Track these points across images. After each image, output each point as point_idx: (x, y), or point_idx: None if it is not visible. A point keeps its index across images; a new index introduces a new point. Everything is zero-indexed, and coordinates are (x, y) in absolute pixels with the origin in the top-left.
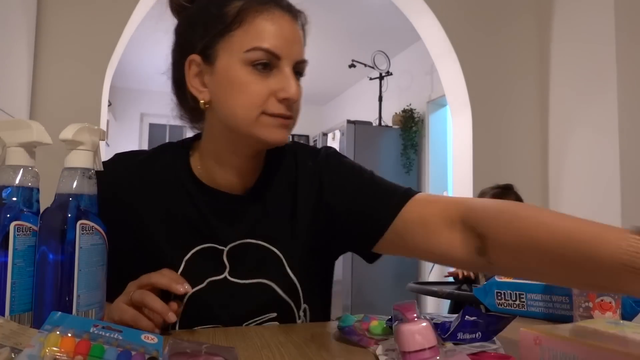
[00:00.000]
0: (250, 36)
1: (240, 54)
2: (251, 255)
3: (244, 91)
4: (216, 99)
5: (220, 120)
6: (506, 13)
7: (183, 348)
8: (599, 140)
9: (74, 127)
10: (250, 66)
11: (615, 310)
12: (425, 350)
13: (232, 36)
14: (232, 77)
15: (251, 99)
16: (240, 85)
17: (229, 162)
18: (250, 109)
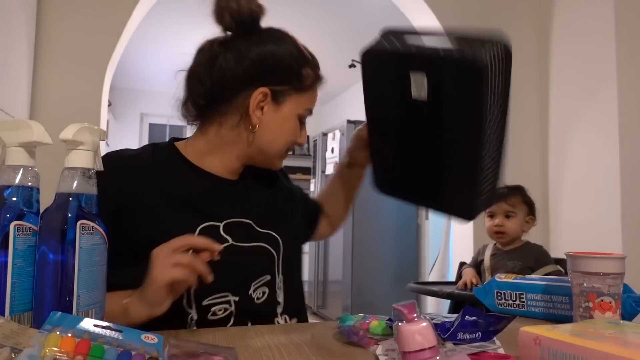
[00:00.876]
0: (309, 100)
1: (300, 110)
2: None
3: (290, 134)
4: (267, 128)
5: (254, 141)
6: (506, 14)
7: (183, 348)
8: (599, 141)
9: (74, 127)
10: (298, 118)
11: (615, 310)
12: (425, 350)
13: (302, 95)
14: (289, 122)
15: (290, 141)
16: (291, 129)
17: (226, 160)
18: (286, 147)
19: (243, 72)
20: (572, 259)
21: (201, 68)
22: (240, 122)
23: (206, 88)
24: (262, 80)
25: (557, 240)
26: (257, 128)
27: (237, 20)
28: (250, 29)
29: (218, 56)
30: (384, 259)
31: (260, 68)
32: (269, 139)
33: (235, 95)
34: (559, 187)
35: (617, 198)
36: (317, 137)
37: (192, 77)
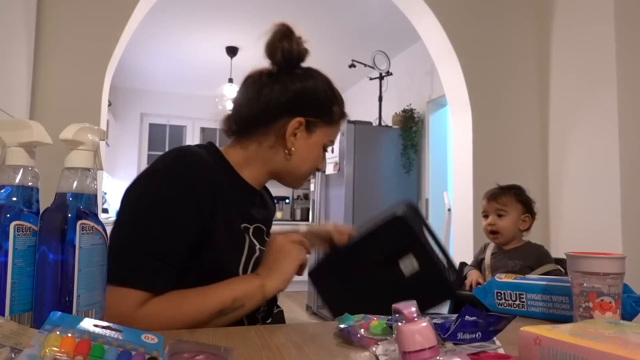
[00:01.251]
0: (334, 133)
1: (326, 140)
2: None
3: (315, 161)
4: (297, 153)
5: (285, 162)
6: (506, 13)
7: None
8: (599, 140)
9: (74, 127)
10: (323, 148)
11: (615, 310)
12: (425, 350)
13: (330, 127)
14: (315, 150)
15: (314, 166)
16: (316, 156)
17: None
18: (310, 171)
19: (285, 102)
20: (572, 259)
21: (250, 93)
22: (276, 143)
23: (252, 110)
24: (299, 111)
25: (557, 240)
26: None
27: (287, 58)
28: (295, 66)
29: (265, 86)
30: None
31: (299, 100)
32: (297, 162)
33: (276, 120)
34: (559, 187)
35: (617, 198)
36: None
37: (241, 99)
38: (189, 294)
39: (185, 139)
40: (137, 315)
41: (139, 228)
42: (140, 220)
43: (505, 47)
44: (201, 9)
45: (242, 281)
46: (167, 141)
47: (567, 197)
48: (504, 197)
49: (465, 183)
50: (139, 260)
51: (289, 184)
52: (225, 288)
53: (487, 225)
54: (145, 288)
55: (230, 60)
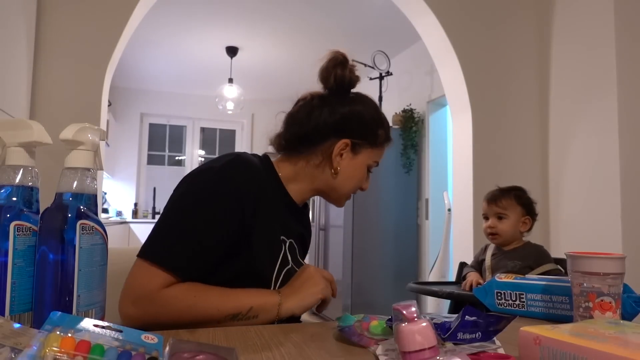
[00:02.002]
0: (379, 155)
1: (370, 161)
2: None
3: (358, 181)
4: (342, 172)
5: (330, 180)
6: (506, 13)
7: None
8: (599, 140)
9: (74, 127)
10: (367, 169)
11: (615, 310)
12: (425, 350)
13: (375, 149)
14: (359, 170)
15: (357, 186)
16: (360, 177)
17: (303, 190)
18: (353, 190)
19: (334, 123)
20: (572, 259)
21: (301, 114)
22: (323, 162)
23: (302, 130)
24: (346, 133)
25: (557, 240)
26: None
27: (339, 84)
28: (346, 91)
29: (316, 108)
30: (384, 259)
31: (347, 123)
32: (342, 181)
33: (324, 140)
34: (559, 187)
35: (617, 198)
36: None
37: (292, 118)
38: (212, 290)
39: (185, 139)
40: (160, 294)
41: (182, 216)
42: (185, 209)
43: (505, 47)
44: (201, 9)
45: (263, 294)
46: (167, 141)
47: (567, 197)
48: (504, 200)
49: (465, 183)
50: (175, 245)
51: (333, 201)
52: (246, 295)
53: (487, 227)
54: (174, 272)
55: (230, 60)
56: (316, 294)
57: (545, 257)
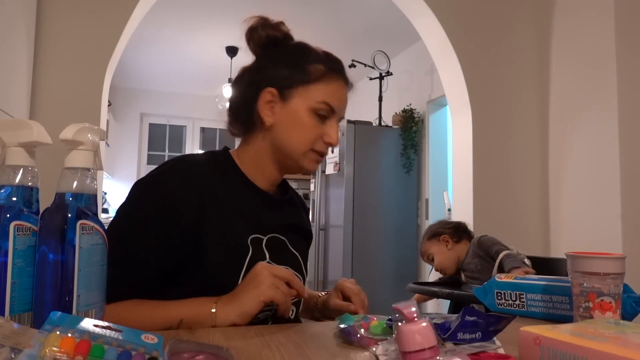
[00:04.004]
0: (324, 93)
1: (312, 102)
2: (280, 248)
3: (304, 129)
4: (279, 127)
5: (274, 142)
6: (506, 13)
7: (183, 348)
8: (599, 140)
9: (74, 127)
10: (314, 113)
11: (615, 310)
12: (425, 350)
13: (310, 88)
14: (300, 117)
15: (307, 137)
16: (304, 124)
17: (268, 170)
18: (305, 144)
19: (251, 79)
20: (572, 259)
21: (234, 91)
22: (261, 128)
23: (235, 105)
24: (268, 82)
25: (557, 240)
26: (272, 127)
27: (260, 46)
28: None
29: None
30: (384, 259)
31: (265, 71)
32: (284, 137)
33: (255, 102)
34: (559, 187)
35: (617, 198)
36: None
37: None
38: (143, 306)
39: (185, 139)
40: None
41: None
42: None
43: (505, 47)
44: (201, 9)
45: (197, 304)
46: (167, 141)
47: (567, 197)
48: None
49: (465, 183)
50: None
51: (296, 169)
52: (178, 307)
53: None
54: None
55: (230, 60)
56: (256, 296)
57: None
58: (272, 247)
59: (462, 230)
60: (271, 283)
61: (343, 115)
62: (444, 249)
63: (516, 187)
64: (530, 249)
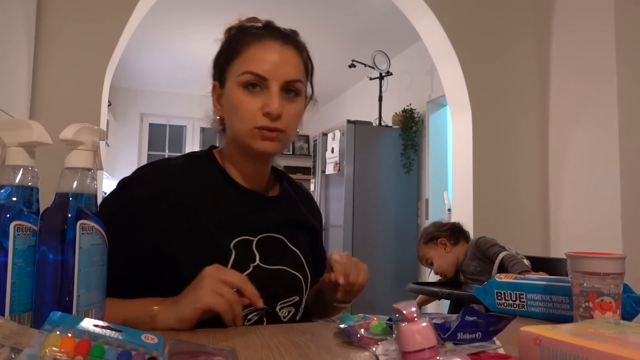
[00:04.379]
0: (244, 63)
1: (236, 78)
2: (275, 247)
3: (239, 109)
4: (226, 116)
5: (230, 132)
6: (506, 13)
7: (183, 348)
8: (599, 140)
9: (74, 127)
10: (242, 87)
11: (615, 310)
12: (425, 350)
13: (233, 64)
14: (232, 97)
15: (244, 114)
16: (236, 103)
17: (242, 165)
18: (244, 122)
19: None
20: (572, 259)
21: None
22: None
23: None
24: (214, 76)
25: (557, 240)
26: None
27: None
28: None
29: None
30: (384, 259)
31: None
32: (230, 124)
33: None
34: (559, 187)
35: (617, 198)
36: (317, 137)
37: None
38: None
39: (185, 139)
40: None
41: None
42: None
43: (505, 47)
44: (201, 9)
45: (142, 305)
46: (167, 141)
47: (567, 197)
48: (420, 253)
49: (465, 183)
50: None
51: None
52: (125, 306)
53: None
54: None
55: None
56: (193, 302)
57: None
58: (264, 248)
59: (458, 232)
60: (212, 289)
61: (288, 77)
62: (443, 253)
63: (516, 187)
64: (530, 249)
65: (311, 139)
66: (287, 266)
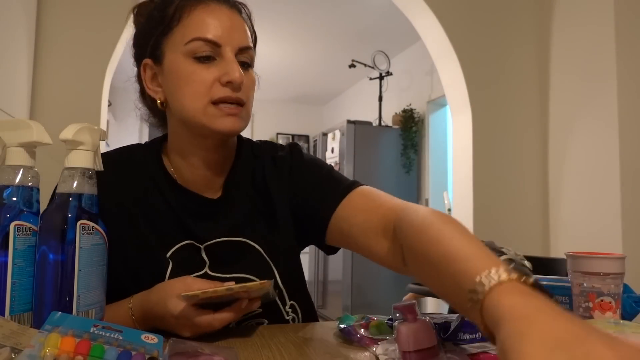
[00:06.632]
0: (189, 29)
1: (182, 48)
2: (231, 252)
3: (189, 82)
4: (169, 95)
5: (176, 115)
6: (506, 12)
7: (183, 348)
8: (599, 140)
9: (74, 127)
10: (192, 57)
11: (615, 310)
12: (425, 350)
13: (173, 33)
14: (178, 70)
15: (197, 88)
16: (186, 76)
17: (193, 156)
18: (197, 98)
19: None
20: (572, 259)
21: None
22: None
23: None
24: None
25: (557, 240)
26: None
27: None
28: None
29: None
30: None
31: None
32: (177, 104)
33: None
34: (559, 187)
35: (617, 198)
36: (317, 137)
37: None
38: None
39: None
40: None
41: None
42: None
43: (505, 47)
44: None
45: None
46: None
47: (567, 197)
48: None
49: (465, 183)
50: None
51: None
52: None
53: None
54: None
55: None
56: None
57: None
58: (216, 252)
59: None
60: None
61: (241, 44)
62: None
63: (516, 187)
64: (530, 249)
65: (311, 139)
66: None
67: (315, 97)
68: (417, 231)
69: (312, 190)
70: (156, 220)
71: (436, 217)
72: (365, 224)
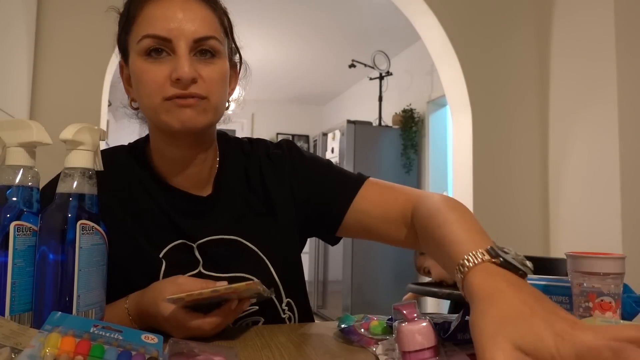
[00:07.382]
0: (141, 26)
1: (135, 47)
2: (224, 250)
3: (142, 81)
4: (134, 95)
5: (146, 116)
6: (506, 13)
7: (183, 348)
8: (599, 140)
9: (74, 127)
10: (145, 55)
11: (615, 310)
12: (425, 350)
13: (132, 32)
14: (135, 70)
15: (150, 87)
16: (140, 76)
17: (169, 154)
18: (151, 96)
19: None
20: (572, 259)
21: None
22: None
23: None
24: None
25: (557, 240)
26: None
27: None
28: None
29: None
30: (384, 259)
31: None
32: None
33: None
34: (559, 187)
35: (617, 198)
36: (317, 137)
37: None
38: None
39: None
40: None
41: None
42: None
43: (505, 47)
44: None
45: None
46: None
47: (567, 197)
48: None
49: (465, 183)
50: None
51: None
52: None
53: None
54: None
55: None
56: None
57: None
58: (209, 251)
59: None
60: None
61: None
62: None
63: (516, 187)
64: (530, 249)
65: (311, 139)
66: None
67: (315, 97)
68: (427, 217)
69: (320, 187)
70: (146, 221)
71: (444, 204)
72: (386, 214)
